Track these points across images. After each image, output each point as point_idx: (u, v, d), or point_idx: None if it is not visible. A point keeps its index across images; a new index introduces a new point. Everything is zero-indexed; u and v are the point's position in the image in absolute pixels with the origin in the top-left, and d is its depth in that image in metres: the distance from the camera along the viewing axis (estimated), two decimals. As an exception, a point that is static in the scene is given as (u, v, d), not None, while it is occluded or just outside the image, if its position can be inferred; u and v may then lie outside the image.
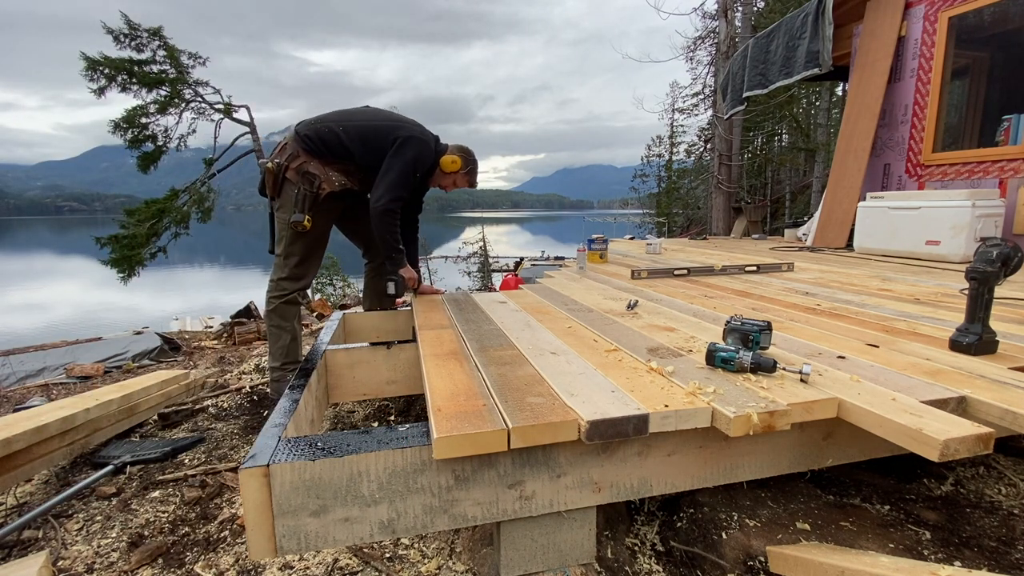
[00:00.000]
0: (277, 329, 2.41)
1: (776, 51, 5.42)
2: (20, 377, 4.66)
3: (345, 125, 2.36)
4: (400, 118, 2.49)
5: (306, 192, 2.29)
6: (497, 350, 1.64)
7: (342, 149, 2.34)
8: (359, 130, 2.36)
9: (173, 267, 25.87)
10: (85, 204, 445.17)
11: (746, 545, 1.23)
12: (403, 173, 2.34)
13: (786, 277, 3.08)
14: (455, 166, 2.55)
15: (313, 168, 2.32)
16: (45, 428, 2.00)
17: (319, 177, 2.31)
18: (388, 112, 2.56)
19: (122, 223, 12.07)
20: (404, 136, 2.37)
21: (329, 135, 2.33)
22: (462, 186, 2.70)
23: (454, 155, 2.55)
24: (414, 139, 2.39)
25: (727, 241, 6.40)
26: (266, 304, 2.44)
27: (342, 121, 2.38)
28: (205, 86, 12.91)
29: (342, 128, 2.35)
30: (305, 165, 2.31)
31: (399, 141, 2.35)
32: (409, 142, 2.37)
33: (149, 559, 1.50)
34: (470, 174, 2.67)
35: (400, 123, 2.44)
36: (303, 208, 2.29)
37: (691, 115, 17.68)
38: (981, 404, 1.14)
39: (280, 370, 2.42)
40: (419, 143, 2.41)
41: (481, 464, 1.12)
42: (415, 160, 2.38)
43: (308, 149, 2.33)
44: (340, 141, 2.33)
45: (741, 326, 1.44)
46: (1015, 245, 1.43)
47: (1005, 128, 3.99)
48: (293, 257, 2.39)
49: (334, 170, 2.37)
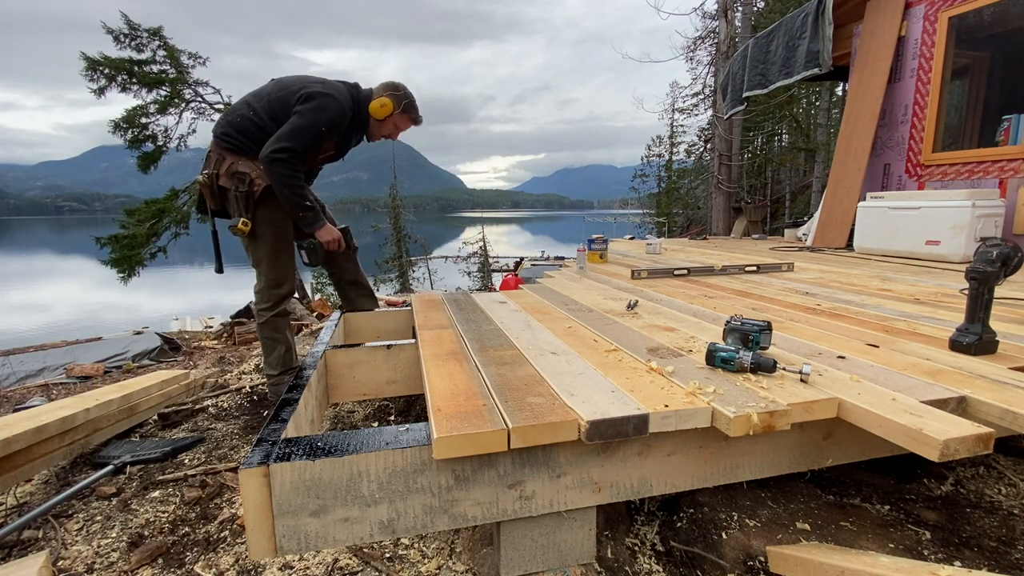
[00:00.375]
0: (271, 341, 2.36)
1: (776, 51, 5.42)
2: (20, 377, 4.66)
3: (254, 105, 2.21)
4: (303, 78, 2.28)
5: (238, 193, 2.17)
6: (497, 350, 1.64)
7: (260, 133, 2.18)
8: (267, 104, 2.20)
9: (173, 267, 25.88)
10: (85, 204, 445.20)
11: (746, 545, 1.23)
12: (297, 125, 2.13)
13: (786, 277, 3.08)
14: (386, 109, 2.32)
15: (242, 167, 2.17)
16: (45, 428, 2.00)
17: (248, 174, 2.17)
18: (294, 77, 2.32)
19: (122, 223, 12.06)
20: (307, 92, 2.18)
21: (243, 122, 2.19)
22: (405, 127, 2.47)
23: (382, 97, 2.32)
24: (315, 94, 2.18)
25: (727, 241, 6.40)
26: (256, 317, 2.37)
27: (251, 103, 2.23)
28: (205, 86, 12.91)
29: (253, 112, 2.20)
30: (234, 166, 2.18)
31: (301, 96, 2.17)
32: (309, 97, 2.17)
33: (149, 559, 1.50)
34: (408, 110, 2.40)
35: (306, 80, 2.25)
36: (240, 210, 2.18)
37: (691, 115, 17.70)
38: (981, 404, 1.14)
39: (278, 376, 2.38)
40: (322, 96, 2.18)
41: (481, 464, 1.12)
42: (316, 111, 2.16)
43: (231, 148, 2.19)
44: (254, 124, 2.18)
45: (741, 326, 1.44)
46: (1015, 245, 1.43)
47: (1005, 128, 3.99)
48: (262, 264, 2.28)
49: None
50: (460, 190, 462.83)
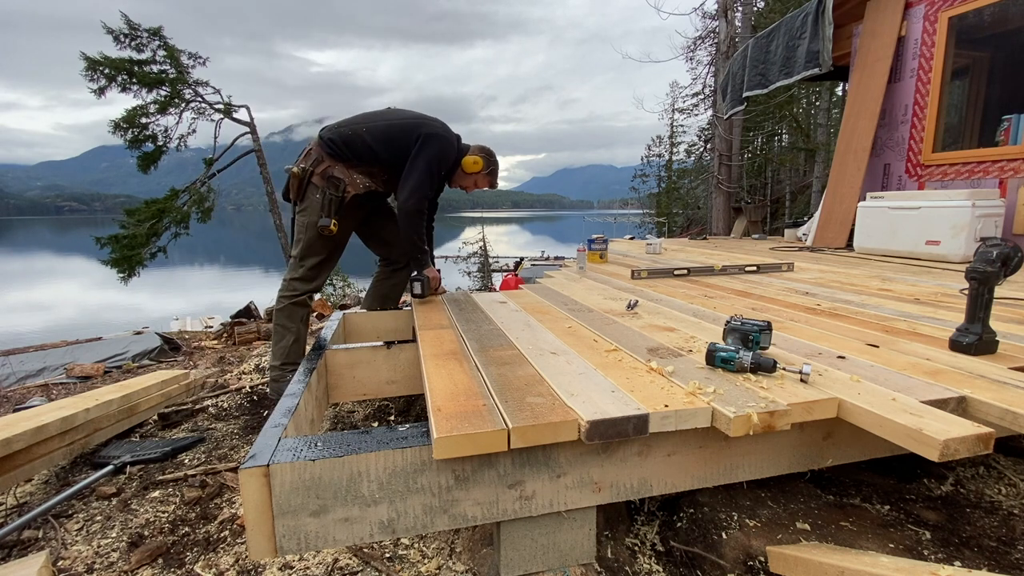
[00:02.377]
0: (282, 328, 2.39)
1: (776, 51, 5.42)
2: (20, 377, 4.66)
3: (369, 126, 2.37)
4: (423, 116, 2.47)
5: (331, 196, 2.31)
6: (497, 350, 1.64)
7: (367, 151, 2.35)
8: (383, 130, 2.36)
9: (173, 267, 25.89)
10: (85, 204, 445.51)
11: (746, 545, 1.23)
12: (427, 172, 2.34)
13: (786, 277, 3.08)
14: (477, 167, 2.52)
15: (338, 172, 2.33)
16: (45, 428, 2.00)
17: (344, 180, 2.33)
18: (410, 111, 2.54)
19: (122, 223, 12.07)
20: (427, 133, 2.36)
21: (353, 137, 2.34)
22: (482, 187, 2.68)
23: (476, 155, 2.53)
24: (437, 136, 2.38)
25: (727, 241, 6.40)
26: (276, 302, 2.43)
27: (365, 123, 2.38)
28: (205, 86, 12.92)
29: (366, 129, 2.35)
30: (330, 169, 2.33)
31: (422, 138, 2.34)
32: (432, 139, 2.37)
33: (149, 559, 1.50)
34: (491, 175, 2.63)
35: (423, 120, 2.43)
36: (329, 212, 2.30)
37: (691, 115, 17.72)
38: (981, 404, 1.14)
39: (279, 370, 2.39)
40: (442, 140, 2.40)
41: (481, 464, 1.12)
42: (439, 158, 2.38)
43: (332, 153, 2.34)
44: (364, 142, 2.34)
45: (741, 326, 1.44)
46: (1015, 245, 1.43)
47: (1005, 128, 3.99)
48: (310, 259, 2.39)
49: (358, 173, 2.38)
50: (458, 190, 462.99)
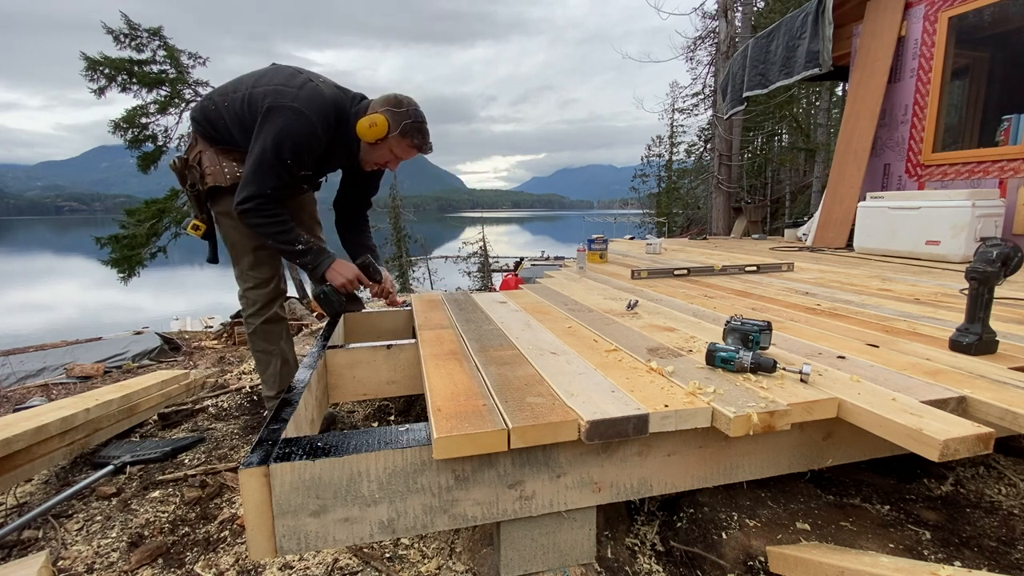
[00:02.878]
0: (263, 355, 2.02)
1: (776, 51, 5.42)
2: (20, 377, 4.66)
3: (230, 98, 1.82)
4: (284, 79, 1.82)
5: (189, 191, 1.90)
6: (497, 350, 1.64)
7: (228, 132, 1.84)
8: (238, 104, 1.81)
9: (173, 267, 25.89)
10: (85, 204, 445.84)
11: (746, 545, 1.23)
12: (260, 158, 1.74)
13: (786, 277, 3.08)
14: (377, 130, 1.79)
15: (204, 159, 1.87)
16: (45, 428, 2.00)
17: (204, 170, 1.87)
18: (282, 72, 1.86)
19: (122, 223, 12.08)
20: (269, 105, 1.74)
21: (214, 114, 1.84)
22: (406, 155, 1.92)
23: (374, 115, 1.80)
24: (278, 109, 1.73)
25: (727, 241, 6.40)
26: (245, 327, 2.04)
27: (228, 93, 1.84)
28: (205, 86, 12.91)
29: (226, 103, 1.83)
30: (199, 156, 1.88)
31: (261, 113, 1.75)
32: (271, 114, 1.73)
33: (149, 559, 1.50)
34: (407, 134, 1.84)
35: (276, 87, 1.78)
36: (195, 210, 1.93)
37: (691, 115, 17.73)
38: (981, 404, 1.14)
39: (275, 398, 2.06)
40: (286, 113, 1.73)
41: (481, 464, 1.12)
42: (279, 137, 1.73)
43: (203, 135, 1.88)
44: (224, 121, 1.84)
45: (741, 326, 1.44)
46: (1015, 245, 1.43)
47: (1005, 128, 3.99)
48: (241, 263, 1.99)
49: (229, 159, 1.87)
50: (460, 190, 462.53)
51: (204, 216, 1.95)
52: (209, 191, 1.90)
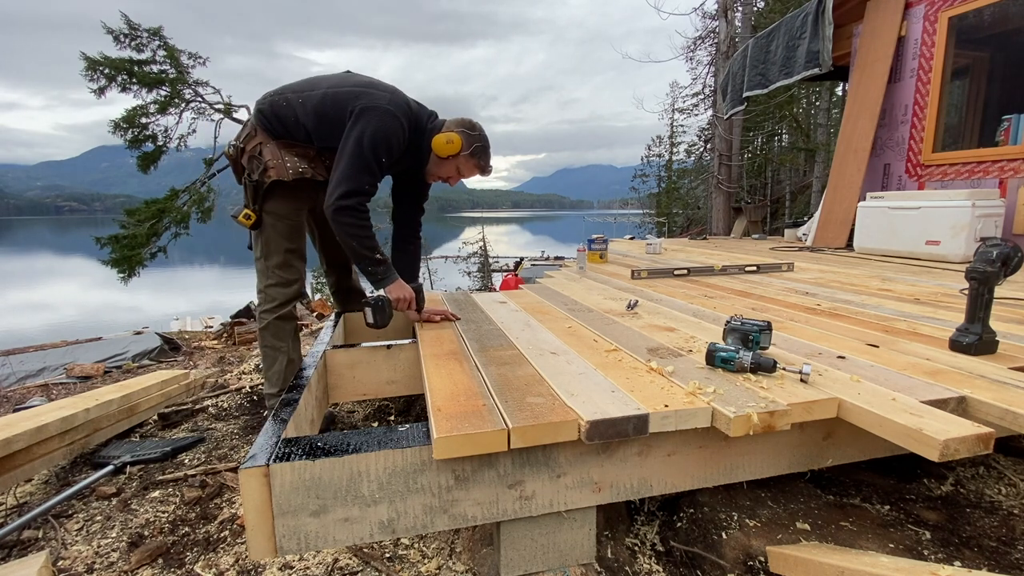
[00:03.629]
0: (271, 351, 2.05)
1: (776, 51, 5.43)
2: (20, 377, 4.66)
3: (306, 95, 1.89)
4: (370, 83, 1.93)
5: (247, 181, 1.93)
6: (497, 350, 1.64)
7: (299, 127, 1.90)
8: (318, 101, 1.87)
9: (173, 267, 25.91)
10: (85, 204, 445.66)
11: (746, 545, 1.23)
12: (358, 155, 1.80)
13: (786, 277, 3.08)
14: (452, 147, 1.92)
15: (266, 152, 1.90)
16: (45, 428, 2.00)
17: (267, 163, 1.90)
18: (361, 78, 1.97)
19: (122, 223, 12.07)
20: (362, 106, 1.81)
21: (285, 109, 1.89)
22: (470, 174, 2.05)
23: (451, 132, 1.93)
24: (375, 110, 1.81)
25: (727, 241, 6.40)
26: (257, 321, 2.07)
27: (304, 90, 1.91)
28: (205, 86, 12.91)
29: (301, 100, 1.88)
30: (259, 147, 1.91)
31: (355, 113, 1.81)
32: (368, 113, 1.80)
33: (149, 559, 1.50)
34: (476, 155, 1.98)
35: (365, 89, 1.87)
36: (248, 200, 1.95)
37: (691, 115, 17.71)
38: (981, 404, 1.14)
39: (277, 396, 2.05)
40: (383, 115, 1.82)
41: (481, 464, 1.12)
42: (375, 136, 1.81)
43: (266, 128, 1.92)
44: (296, 116, 1.88)
45: (741, 326, 1.44)
46: (1015, 245, 1.43)
47: (1005, 128, 3.99)
48: (270, 259, 2.01)
49: (292, 154, 1.92)
50: (460, 190, 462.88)
51: (257, 207, 1.97)
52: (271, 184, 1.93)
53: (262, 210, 1.98)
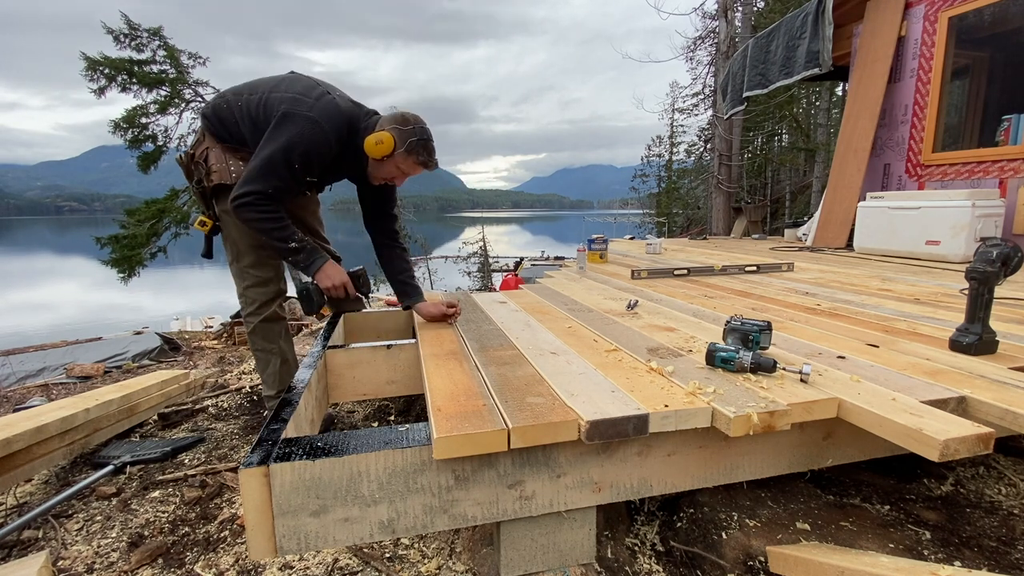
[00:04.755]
0: (263, 354, 2.05)
1: (776, 51, 5.43)
2: (20, 377, 4.66)
3: (245, 99, 1.87)
4: (303, 86, 1.87)
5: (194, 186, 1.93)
6: (497, 350, 1.64)
7: (238, 131, 1.88)
8: (254, 105, 1.85)
9: (174, 267, 25.90)
10: (85, 204, 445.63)
11: (746, 545, 1.23)
12: (267, 159, 1.75)
13: (786, 277, 3.08)
14: (383, 147, 1.79)
15: (211, 156, 1.90)
16: (45, 428, 2.00)
17: (211, 167, 1.90)
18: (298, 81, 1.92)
19: (122, 223, 12.07)
20: (284, 111, 1.78)
21: (226, 112, 1.88)
22: (412, 171, 1.92)
23: (381, 132, 1.79)
24: (295, 117, 1.77)
25: (727, 241, 6.40)
26: (244, 326, 2.06)
27: (243, 93, 1.89)
28: (205, 86, 12.91)
29: (240, 103, 1.87)
30: (205, 152, 1.91)
31: (276, 118, 1.79)
32: (286, 120, 1.77)
33: (149, 559, 1.50)
34: (413, 152, 1.83)
35: (293, 96, 1.82)
36: (201, 206, 1.97)
37: (691, 115, 17.72)
38: (981, 404, 1.14)
39: (275, 397, 2.07)
40: (303, 122, 1.77)
41: (481, 464, 1.12)
42: (290, 143, 1.76)
43: (211, 132, 1.91)
44: (235, 120, 1.88)
45: (741, 326, 1.44)
46: (1015, 245, 1.43)
47: (1005, 128, 3.99)
48: (242, 261, 2.00)
49: (236, 158, 1.90)
50: (460, 190, 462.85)
51: (210, 212, 1.98)
52: (214, 188, 1.93)
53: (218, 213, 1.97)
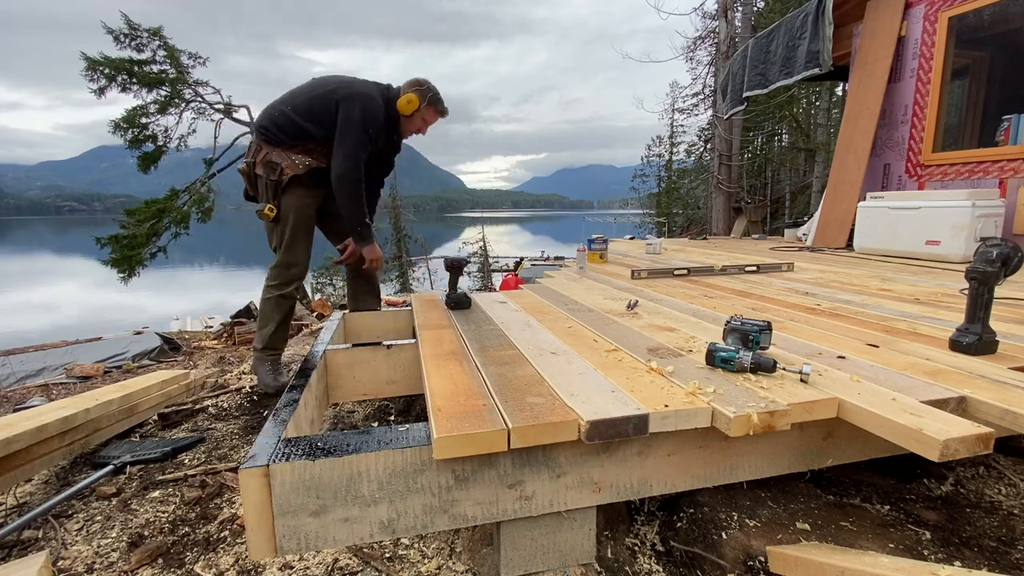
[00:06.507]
0: (267, 316, 2.48)
1: (776, 51, 5.42)
2: (20, 377, 4.66)
3: (294, 104, 2.35)
4: (339, 79, 2.42)
5: (268, 181, 2.33)
6: (497, 350, 1.64)
7: (297, 130, 2.33)
8: (306, 106, 2.34)
9: (174, 267, 25.90)
10: (85, 204, 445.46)
11: (746, 545, 1.23)
12: (353, 134, 2.29)
13: (786, 277, 3.08)
14: (413, 105, 2.45)
15: (275, 157, 2.33)
16: (45, 428, 2.00)
17: (280, 164, 2.32)
18: (332, 78, 2.47)
19: (122, 223, 12.06)
20: (343, 95, 2.31)
21: (281, 118, 2.34)
22: (433, 120, 2.59)
23: (407, 93, 2.46)
24: (354, 95, 2.32)
25: (727, 241, 6.40)
26: (263, 292, 2.48)
27: (291, 101, 2.37)
28: (205, 86, 12.90)
29: (291, 108, 2.34)
30: (268, 156, 2.33)
31: (340, 103, 2.30)
32: (350, 100, 2.31)
33: (149, 559, 1.50)
34: (433, 103, 2.53)
35: (339, 84, 2.38)
36: (268, 197, 2.35)
37: (691, 115, 17.69)
38: (981, 404, 1.14)
39: (259, 353, 2.51)
40: (362, 97, 2.33)
41: (481, 464, 1.12)
42: (363, 116, 2.31)
43: (268, 139, 2.35)
44: (293, 122, 2.33)
45: (741, 326, 1.44)
46: (1015, 245, 1.43)
47: (1005, 128, 3.99)
48: (280, 245, 2.43)
49: (296, 153, 2.35)
50: (460, 190, 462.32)
51: (277, 202, 2.37)
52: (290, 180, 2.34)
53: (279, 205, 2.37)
